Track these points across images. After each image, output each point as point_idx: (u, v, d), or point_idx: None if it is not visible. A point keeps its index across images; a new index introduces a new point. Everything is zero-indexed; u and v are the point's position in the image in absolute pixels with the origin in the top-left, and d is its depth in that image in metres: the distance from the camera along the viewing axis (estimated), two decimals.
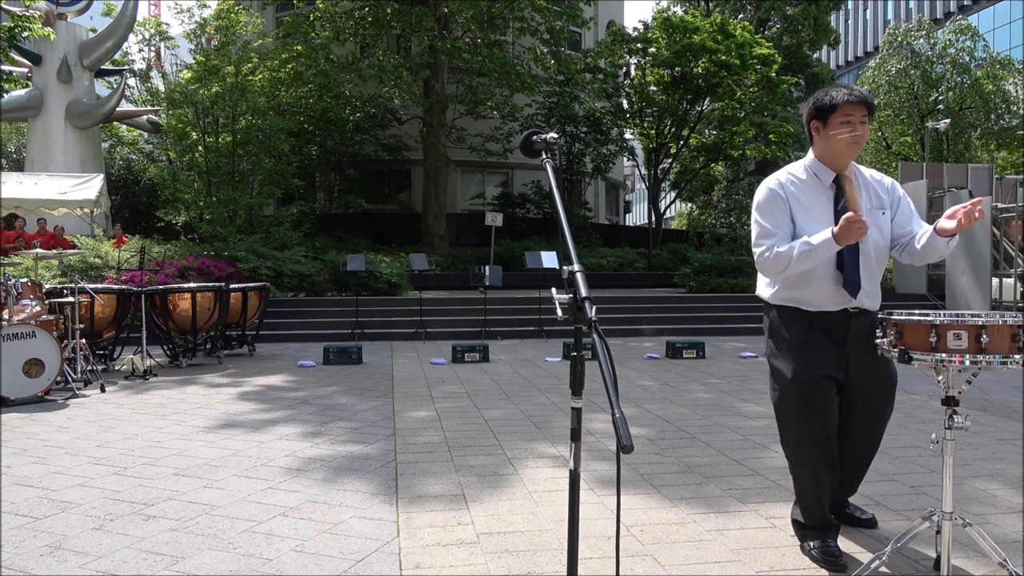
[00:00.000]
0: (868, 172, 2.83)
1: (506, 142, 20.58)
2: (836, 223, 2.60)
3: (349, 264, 11.33)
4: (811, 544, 2.76)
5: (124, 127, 23.55)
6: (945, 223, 2.52)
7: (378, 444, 4.57)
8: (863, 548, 2.85)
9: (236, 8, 18.13)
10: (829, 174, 2.73)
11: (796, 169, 2.81)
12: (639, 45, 22.60)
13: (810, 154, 2.80)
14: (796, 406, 2.71)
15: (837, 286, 2.67)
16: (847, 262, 2.65)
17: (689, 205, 36.58)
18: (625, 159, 25.26)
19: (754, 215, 2.79)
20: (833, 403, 2.72)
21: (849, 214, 2.48)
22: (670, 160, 24.71)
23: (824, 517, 2.79)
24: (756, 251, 2.74)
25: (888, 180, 2.83)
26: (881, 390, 2.79)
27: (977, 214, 2.41)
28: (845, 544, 2.87)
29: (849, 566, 2.65)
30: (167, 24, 26.43)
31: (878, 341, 2.46)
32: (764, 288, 2.89)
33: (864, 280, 2.68)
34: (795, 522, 2.90)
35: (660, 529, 3.07)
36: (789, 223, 2.72)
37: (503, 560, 2.76)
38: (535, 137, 2.19)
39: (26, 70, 17.71)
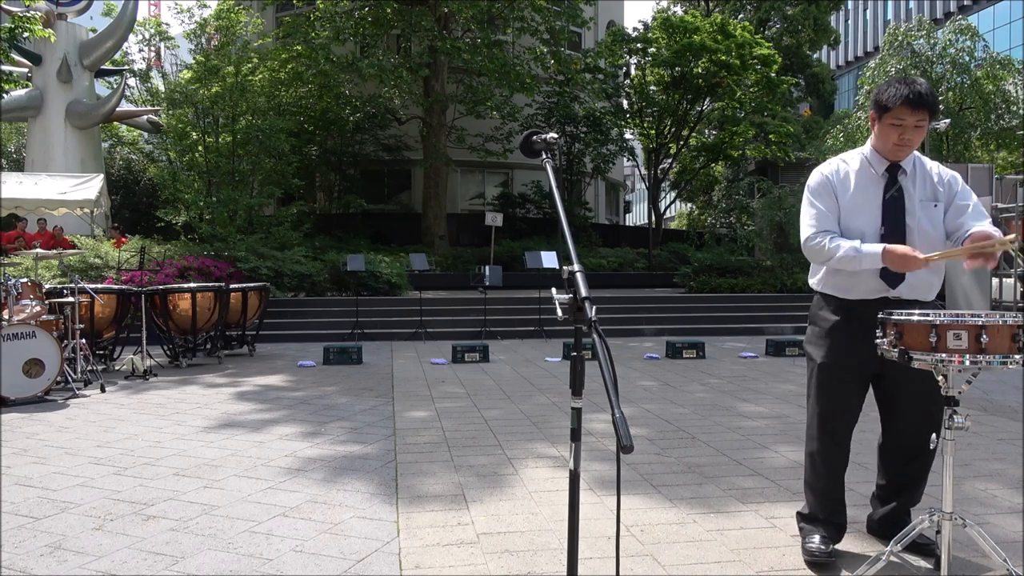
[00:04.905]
0: (931, 164, 2.80)
1: (506, 142, 20.56)
2: (882, 214, 2.67)
3: (349, 264, 11.32)
4: (805, 536, 2.81)
5: (124, 127, 23.52)
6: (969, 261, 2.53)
7: (378, 444, 4.57)
8: (863, 548, 2.85)
9: (236, 8, 18.13)
10: (883, 163, 2.74)
11: (851, 156, 2.84)
12: (639, 45, 22.59)
13: (869, 142, 2.81)
14: (817, 390, 2.81)
15: (877, 275, 2.67)
16: None
17: (689, 205, 36.55)
18: (625, 159, 25.24)
19: (806, 197, 2.82)
20: (853, 396, 2.77)
21: (917, 254, 2.47)
22: (670, 160, 24.69)
23: (821, 509, 2.81)
24: (805, 233, 2.76)
25: (948, 173, 2.77)
26: (925, 380, 2.59)
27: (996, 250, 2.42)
28: (845, 544, 2.87)
29: (849, 566, 2.65)
30: (167, 24, 26.44)
31: (877, 341, 2.46)
32: (812, 274, 2.93)
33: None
34: (798, 514, 2.94)
35: (660, 529, 3.07)
36: (836, 208, 2.76)
37: (503, 560, 2.76)
38: (535, 137, 2.19)
39: (26, 70, 17.68)
